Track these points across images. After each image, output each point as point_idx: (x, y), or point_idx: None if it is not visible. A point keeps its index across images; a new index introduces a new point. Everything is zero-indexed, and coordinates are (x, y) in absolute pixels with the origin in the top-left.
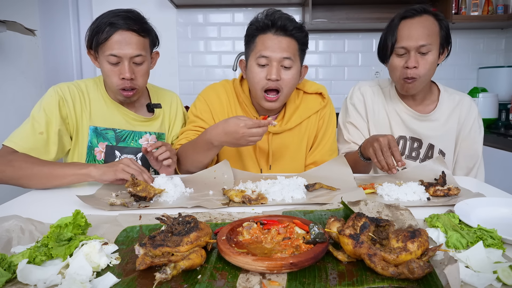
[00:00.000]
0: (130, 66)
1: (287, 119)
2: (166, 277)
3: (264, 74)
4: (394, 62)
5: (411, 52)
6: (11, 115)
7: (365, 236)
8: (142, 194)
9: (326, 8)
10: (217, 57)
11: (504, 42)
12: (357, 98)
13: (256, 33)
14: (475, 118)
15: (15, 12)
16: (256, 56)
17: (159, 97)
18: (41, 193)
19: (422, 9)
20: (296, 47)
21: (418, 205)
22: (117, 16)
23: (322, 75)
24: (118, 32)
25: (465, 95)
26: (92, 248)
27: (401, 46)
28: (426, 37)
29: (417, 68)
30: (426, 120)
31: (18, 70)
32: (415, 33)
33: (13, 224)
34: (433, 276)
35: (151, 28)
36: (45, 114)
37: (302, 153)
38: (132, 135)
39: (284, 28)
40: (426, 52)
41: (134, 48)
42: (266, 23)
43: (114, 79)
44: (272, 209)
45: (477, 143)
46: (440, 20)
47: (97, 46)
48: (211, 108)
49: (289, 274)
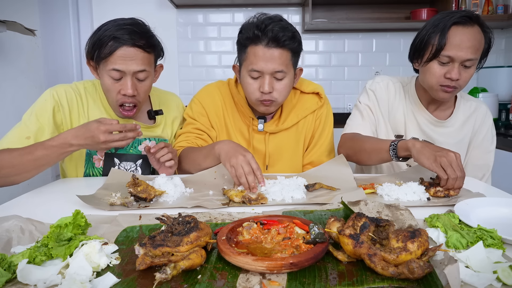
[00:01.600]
0: (133, 81)
1: (283, 119)
2: (166, 277)
3: (257, 85)
4: (434, 69)
5: (456, 63)
6: (11, 115)
7: (365, 236)
8: (143, 195)
9: (326, 8)
10: (217, 57)
11: (504, 42)
12: (379, 87)
13: (247, 43)
14: (489, 127)
15: (15, 12)
16: (248, 68)
17: (162, 101)
18: (41, 193)
19: (475, 17)
20: (288, 57)
21: (418, 205)
22: (122, 29)
23: (322, 75)
24: (122, 47)
25: (481, 103)
26: (92, 248)
27: (448, 55)
28: (475, 51)
29: (458, 80)
30: (442, 126)
31: (18, 70)
32: (466, 45)
33: (13, 224)
34: (433, 276)
35: (157, 42)
36: (37, 120)
37: (299, 153)
38: (132, 142)
39: (276, 39)
40: (470, 66)
41: (138, 64)
42: (256, 34)
43: (114, 94)
44: (272, 209)
45: (489, 153)
46: (486, 33)
47: (99, 59)
48: (206, 110)
49: (289, 274)
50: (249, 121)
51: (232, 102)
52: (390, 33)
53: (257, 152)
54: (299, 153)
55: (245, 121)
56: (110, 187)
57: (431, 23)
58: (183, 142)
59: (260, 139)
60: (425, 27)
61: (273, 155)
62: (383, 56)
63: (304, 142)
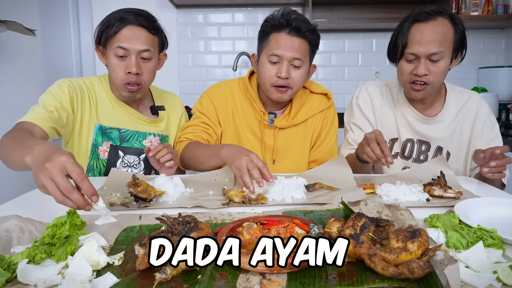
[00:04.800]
0: (137, 60)
1: (293, 114)
2: (166, 277)
3: (275, 71)
4: (402, 67)
5: (421, 59)
6: (11, 115)
7: (365, 236)
8: (143, 195)
9: (326, 8)
10: (217, 57)
11: (504, 42)
12: (363, 98)
13: (271, 31)
14: (487, 115)
15: (15, 12)
16: (269, 53)
17: (163, 99)
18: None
19: (436, 11)
20: (307, 48)
21: (417, 205)
22: (128, 12)
23: (322, 75)
24: (128, 26)
25: (473, 93)
26: (90, 247)
27: (411, 52)
28: (438, 44)
29: (427, 75)
30: (433, 123)
31: (18, 70)
32: (426, 40)
33: (13, 224)
34: (433, 276)
35: (161, 28)
36: (54, 99)
37: (306, 149)
38: (136, 136)
39: (298, 29)
40: (438, 60)
41: (142, 43)
42: (281, 22)
43: (119, 74)
44: (272, 209)
45: (491, 141)
46: (456, 24)
47: (106, 40)
48: (215, 105)
49: (289, 274)
50: (260, 116)
51: (243, 98)
52: (390, 33)
53: (266, 146)
54: (306, 149)
55: (256, 116)
56: (110, 187)
57: (398, 25)
58: (189, 135)
59: (270, 133)
60: (395, 28)
61: (281, 150)
62: (383, 56)
63: (311, 139)
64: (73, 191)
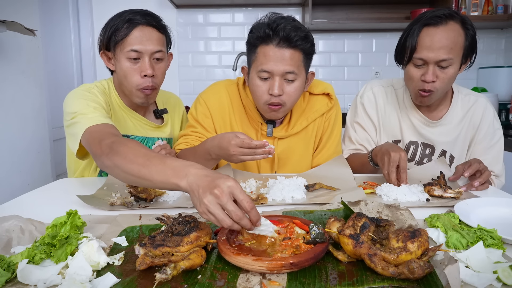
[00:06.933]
0: (151, 62)
1: (293, 124)
2: (166, 277)
3: (266, 87)
4: (411, 72)
5: (430, 65)
6: (11, 115)
7: (365, 236)
8: (143, 195)
9: (326, 8)
10: (217, 57)
11: (504, 42)
12: (368, 98)
13: (257, 43)
14: (491, 121)
15: (15, 12)
16: (258, 69)
17: (164, 100)
18: (41, 193)
19: (448, 15)
20: (300, 58)
21: (417, 205)
22: (135, 13)
23: (322, 75)
24: (138, 27)
25: (480, 96)
26: (90, 247)
27: (420, 57)
28: (448, 51)
29: (434, 81)
30: (438, 125)
31: (18, 70)
32: (436, 46)
33: (13, 224)
34: (433, 276)
35: (166, 26)
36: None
37: (308, 157)
38: (145, 142)
39: (288, 39)
40: (446, 66)
41: (155, 44)
42: (267, 33)
43: (134, 78)
44: (272, 209)
45: (493, 149)
46: (467, 29)
47: (115, 45)
48: (211, 113)
49: (289, 274)
50: (257, 125)
51: (241, 104)
52: (390, 33)
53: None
54: (308, 156)
55: (254, 125)
56: (110, 187)
57: (407, 26)
58: (181, 145)
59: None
60: (405, 29)
61: (281, 159)
62: (383, 56)
63: (314, 144)
64: (244, 217)
